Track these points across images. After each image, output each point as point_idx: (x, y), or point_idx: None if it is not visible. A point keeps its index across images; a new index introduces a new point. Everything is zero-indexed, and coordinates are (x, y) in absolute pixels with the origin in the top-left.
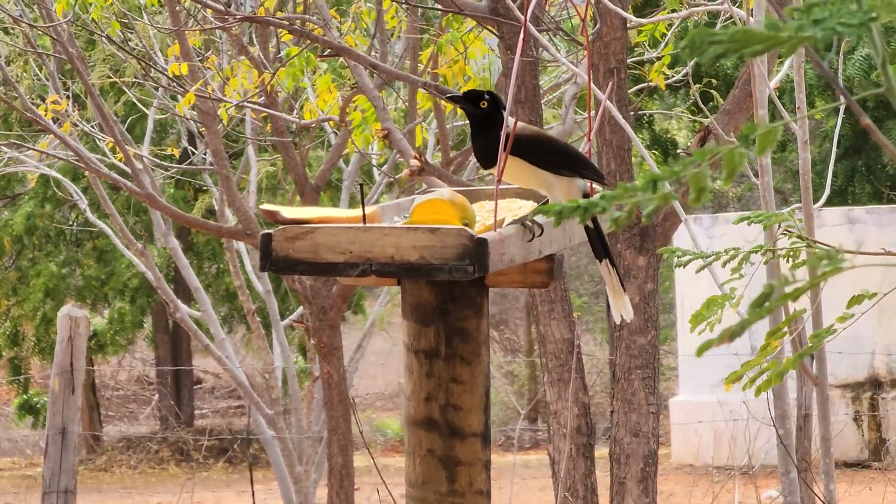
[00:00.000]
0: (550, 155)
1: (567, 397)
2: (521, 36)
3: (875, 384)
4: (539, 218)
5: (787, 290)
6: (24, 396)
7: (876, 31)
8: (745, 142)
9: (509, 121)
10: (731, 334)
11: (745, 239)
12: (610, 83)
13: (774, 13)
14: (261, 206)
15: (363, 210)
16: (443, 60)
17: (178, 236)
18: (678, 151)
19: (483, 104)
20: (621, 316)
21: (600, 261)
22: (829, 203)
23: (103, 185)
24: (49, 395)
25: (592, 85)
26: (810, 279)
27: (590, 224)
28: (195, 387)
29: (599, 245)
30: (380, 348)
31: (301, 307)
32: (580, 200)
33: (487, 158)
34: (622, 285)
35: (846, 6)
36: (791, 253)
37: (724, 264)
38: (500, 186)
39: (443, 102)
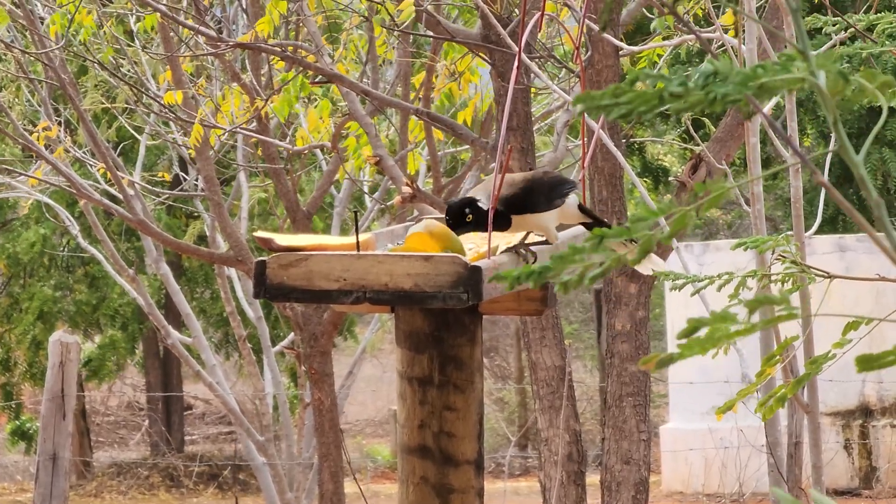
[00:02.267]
0: (545, 195)
1: (558, 424)
2: (516, 64)
3: (865, 412)
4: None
5: (734, 328)
6: (17, 422)
7: (825, 90)
8: (694, 199)
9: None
10: (660, 362)
11: (735, 266)
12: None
13: (766, 41)
14: (255, 234)
15: (357, 237)
16: (439, 80)
17: (171, 261)
18: (670, 179)
19: (469, 218)
20: (652, 269)
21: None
22: (819, 231)
23: (95, 211)
24: (40, 420)
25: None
26: (762, 321)
27: (586, 220)
28: (185, 413)
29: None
30: (370, 375)
31: (292, 333)
32: (533, 266)
33: (503, 229)
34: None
35: (792, 65)
36: (785, 278)
37: (718, 289)
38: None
39: (434, 130)
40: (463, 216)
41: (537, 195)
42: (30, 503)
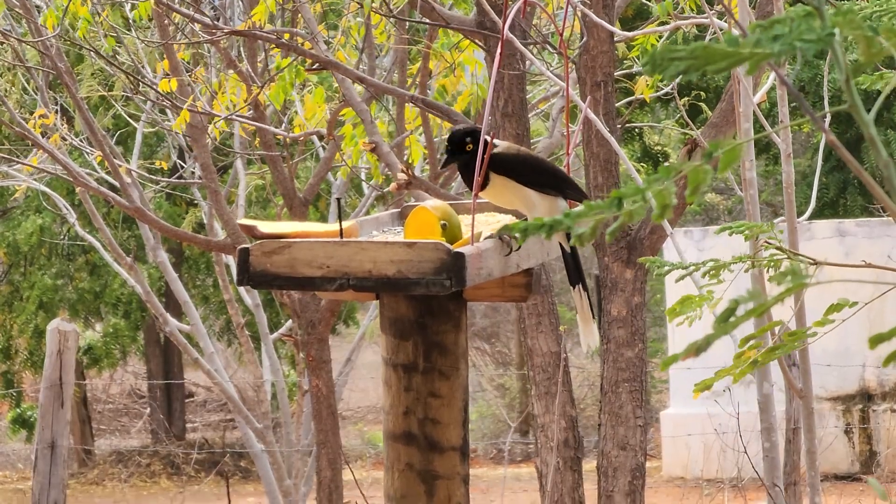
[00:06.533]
0: (536, 174)
1: (554, 410)
2: (499, 49)
3: (866, 396)
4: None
5: (753, 305)
6: (17, 410)
7: (838, 47)
8: (709, 158)
9: (488, 135)
10: (697, 348)
11: (733, 251)
12: (589, 97)
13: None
14: (238, 221)
15: (340, 224)
16: (435, 68)
17: (173, 249)
18: (666, 164)
19: (468, 147)
20: (588, 344)
21: (573, 287)
22: (821, 215)
23: (93, 199)
24: (38, 409)
25: (578, 98)
26: (776, 295)
27: (566, 249)
28: (186, 400)
29: (574, 270)
30: (370, 361)
31: (290, 321)
32: (545, 218)
33: (482, 187)
34: (592, 313)
35: (808, 22)
36: (771, 264)
37: (703, 275)
38: (479, 201)
39: (430, 116)
40: (462, 143)
41: (526, 168)
42: (30, 492)
